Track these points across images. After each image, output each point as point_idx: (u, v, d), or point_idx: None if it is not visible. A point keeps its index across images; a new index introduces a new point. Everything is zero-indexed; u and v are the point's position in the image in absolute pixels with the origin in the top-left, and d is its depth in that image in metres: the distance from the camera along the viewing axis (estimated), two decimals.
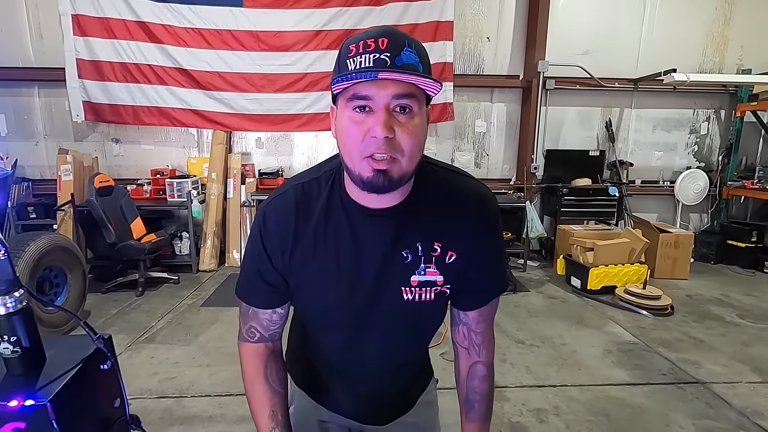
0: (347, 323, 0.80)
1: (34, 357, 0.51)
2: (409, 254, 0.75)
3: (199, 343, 2.96)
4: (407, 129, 0.63)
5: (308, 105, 4.75)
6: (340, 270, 0.75)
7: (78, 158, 4.41)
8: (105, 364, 0.54)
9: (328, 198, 0.75)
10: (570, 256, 4.24)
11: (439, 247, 0.75)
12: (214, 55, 4.60)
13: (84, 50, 4.47)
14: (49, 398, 0.45)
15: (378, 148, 0.62)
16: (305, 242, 0.75)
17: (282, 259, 0.76)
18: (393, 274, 0.76)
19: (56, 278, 3.10)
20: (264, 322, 0.82)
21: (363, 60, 0.61)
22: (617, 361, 2.77)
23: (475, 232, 0.77)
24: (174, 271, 4.32)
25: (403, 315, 0.79)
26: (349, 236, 0.74)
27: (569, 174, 4.98)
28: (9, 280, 0.50)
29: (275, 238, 0.75)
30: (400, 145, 0.63)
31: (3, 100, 4.73)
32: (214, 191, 4.67)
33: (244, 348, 0.85)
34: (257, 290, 0.80)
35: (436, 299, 0.79)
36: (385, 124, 0.61)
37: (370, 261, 0.75)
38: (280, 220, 0.75)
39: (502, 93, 5.12)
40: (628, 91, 5.11)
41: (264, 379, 0.82)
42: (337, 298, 0.77)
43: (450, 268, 0.77)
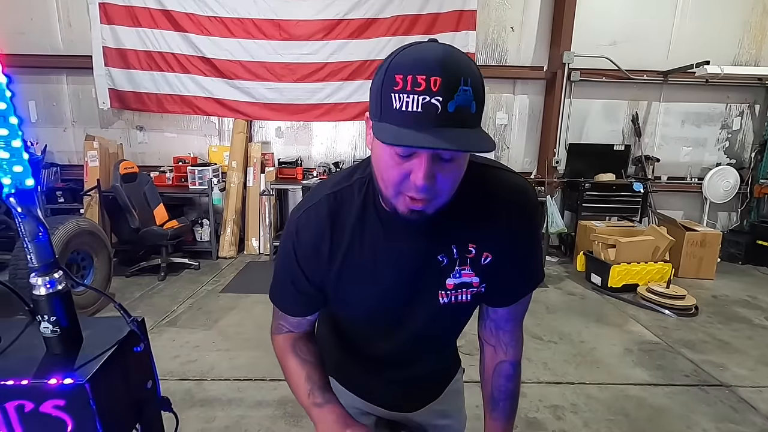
0: (382, 323, 0.81)
1: (72, 337, 0.52)
2: (445, 258, 0.73)
3: (219, 328, 3.03)
4: (449, 174, 0.60)
5: (328, 95, 4.74)
6: (378, 276, 0.74)
7: (104, 145, 4.52)
8: (138, 346, 0.55)
9: (362, 207, 0.72)
10: (591, 253, 4.16)
11: (473, 249, 0.74)
12: (236, 44, 4.62)
13: (110, 38, 4.54)
14: (87, 378, 0.46)
15: (417, 193, 0.59)
16: (342, 252, 0.73)
17: (318, 271, 0.75)
18: (429, 279, 0.75)
19: (83, 261, 3.20)
20: (293, 324, 0.84)
21: (411, 102, 0.54)
22: (638, 361, 2.72)
23: (511, 230, 0.74)
24: (195, 258, 4.41)
25: (440, 317, 0.79)
26: (385, 245, 0.72)
27: (592, 169, 4.87)
28: (50, 262, 0.51)
29: (310, 251, 0.74)
30: (440, 188, 0.60)
31: (33, 87, 4.86)
32: (234, 179, 4.73)
33: (275, 339, 0.86)
34: (289, 298, 0.81)
35: (473, 300, 0.78)
36: (428, 174, 0.57)
37: (406, 268, 0.74)
38: (315, 232, 0.73)
39: (525, 85, 5.01)
40: (657, 84, 4.94)
41: (293, 354, 0.82)
42: (375, 305, 0.77)
43: (485, 269, 0.75)
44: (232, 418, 2.10)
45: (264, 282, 4.13)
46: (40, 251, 0.49)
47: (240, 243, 4.88)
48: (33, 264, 0.49)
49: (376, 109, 0.58)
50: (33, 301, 0.50)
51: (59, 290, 0.50)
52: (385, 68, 0.57)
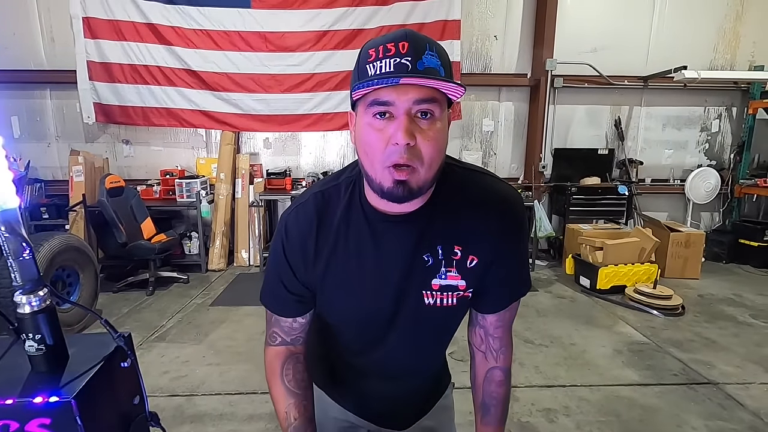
0: (369, 327, 0.81)
1: (58, 354, 0.52)
2: (430, 258, 0.74)
3: (209, 342, 2.99)
4: (428, 135, 0.61)
5: (315, 105, 4.77)
6: (363, 276, 0.75)
7: (89, 159, 4.47)
8: (125, 362, 0.55)
9: (348, 204, 0.74)
10: (579, 256, 4.21)
11: (459, 251, 0.74)
12: (222, 56, 4.63)
13: (94, 52, 4.52)
14: (74, 395, 0.46)
15: (400, 156, 0.61)
16: (327, 250, 0.74)
17: (305, 269, 0.76)
18: (414, 278, 0.75)
19: (69, 277, 3.15)
20: (285, 328, 0.83)
21: (383, 65, 0.59)
22: (627, 362, 2.75)
23: (498, 236, 0.75)
24: (183, 271, 4.36)
25: (424, 319, 0.79)
26: (371, 242, 0.74)
27: (578, 173, 4.95)
28: (34, 279, 0.51)
29: (297, 248, 0.75)
30: (421, 152, 0.62)
31: (16, 102, 4.80)
32: (223, 191, 4.71)
33: (267, 351, 0.86)
34: (279, 299, 0.81)
35: (459, 304, 0.78)
36: (407, 130, 0.60)
37: (391, 266, 0.74)
38: (302, 230, 0.75)
39: (509, 92, 5.10)
40: (638, 89, 5.06)
41: (280, 380, 0.82)
42: (360, 303, 0.77)
43: (472, 273, 0.75)
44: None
45: (255, 294, 4.05)
46: (25, 269, 0.49)
47: (229, 255, 4.84)
48: (17, 282, 0.49)
49: (354, 85, 0.62)
50: (17, 319, 0.50)
51: (44, 308, 0.50)
52: (359, 51, 0.64)
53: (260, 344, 0.87)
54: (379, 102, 0.61)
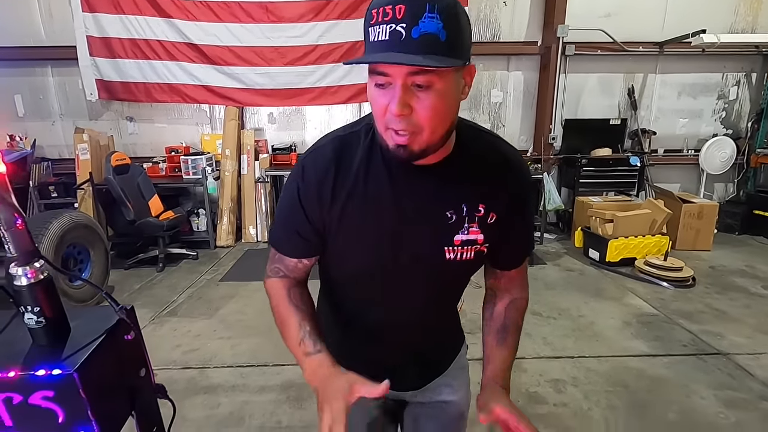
0: (384, 280, 0.80)
1: (59, 327, 0.51)
2: (454, 214, 0.74)
3: (220, 317, 3.03)
4: (425, 105, 0.60)
5: (319, 78, 4.66)
6: (381, 224, 0.74)
7: (94, 137, 4.45)
8: (129, 335, 0.54)
9: (368, 150, 0.73)
10: (588, 228, 4.16)
11: (483, 208, 0.75)
12: (224, 29, 4.51)
13: (93, 27, 4.43)
14: (76, 367, 0.45)
15: (396, 124, 0.61)
16: (344, 194, 0.73)
17: (320, 211, 0.74)
18: (436, 233, 0.75)
19: (80, 255, 3.18)
20: (290, 267, 0.82)
21: (381, 31, 0.57)
22: (636, 333, 2.74)
23: (515, 195, 0.78)
24: (192, 248, 4.40)
25: (443, 274, 0.79)
26: (390, 189, 0.72)
27: (588, 144, 4.83)
28: (29, 251, 0.49)
29: (313, 190, 0.73)
30: (419, 121, 0.61)
31: (18, 80, 4.76)
32: (229, 168, 4.68)
33: (268, 283, 0.84)
34: (288, 239, 0.80)
35: (475, 258, 0.79)
36: (400, 102, 0.59)
37: (411, 217, 0.73)
38: (319, 172, 0.73)
39: (519, 61, 4.93)
40: (653, 56, 4.87)
41: (287, 301, 0.80)
42: (376, 252, 0.76)
43: (491, 228, 0.77)
44: (236, 404, 2.12)
45: (263, 270, 4.10)
46: (18, 240, 0.47)
47: (237, 231, 4.86)
48: (11, 254, 0.48)
49: (364, 49, 0.62)
50: (15, 292, 0.48)
51: (41, 280, 0.49)
52: (366, 10, 0.61)
53: (270, 318, 0.86)
54: (377, 72, 0.61)
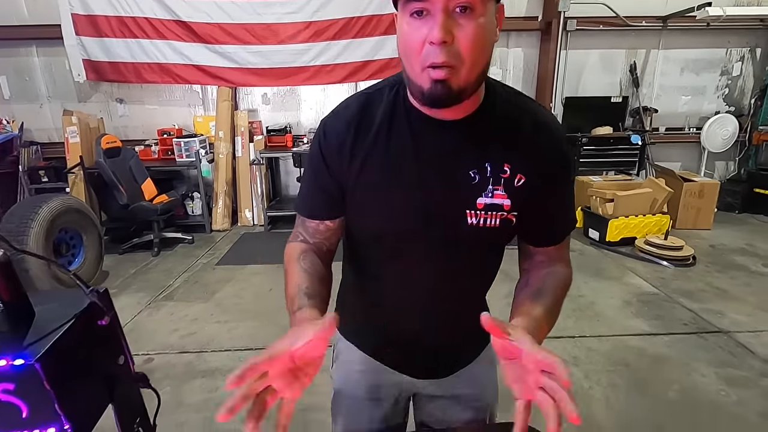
0: (404, 244, 0.74)
1: (20, 313, 0.45)
2: (477, 174, 0.69)
3: (216, 300, 3.00)
4: (468, 32, 0.56)
5: (314, 57, 4.52)
6: (400, 181, 0.69)
7: (83, 120, 4.33)
8: (102, 320, 0.49)
9: (392, 105, 0.70)
10: (588, 208, 4.12)
11: (508, 169, 0.69)
12: (213, 5, 4.35)
13: (78, 4, 4.26)
14: (37, 357, 0.40)
15: (437, 56, 0.57)
16: (365, 149, 0.70)
17: (340, 165, 0.72)
18: (458, 195, 0.69)
19: (72, 240, 3.12)
20: (310, 230, 0.79)
21: None
22: (637, 312, 2.73)
23: (551, 161, 0.71)
24: (188, 231, 4.34)
25: (465, 241, 0.72)
26: (411, 145, 0.69)
27: (589, 122, 4.75)
28: None
29: (334, 144, 0.72)
30: (461, 51, 0.57)
31: (2, 61, 4.60)
32: (223, 150, 4.59)
33: (288, 246, 0.80)
34: (312, 199, 0.78)
35: (501, 226, 0.71)
36: (443, 27, 0.55)
37: (431, 176, 0.69)
38: (341, 127, 0.72)
39: (519, 37, 4.80)
40: (656, 30, 4.74)
41: (297, 263, 0.75)
42: (395, 211, 0.71)
43: (518, 192, 0.70)
44: None
45: (260, 253, 4.11)
46: None
47: (233, 215, 4.79)
48: None
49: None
50: None
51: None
52: None
53: (267, 302, 0.82)
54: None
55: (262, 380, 0.49)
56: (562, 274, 0.78)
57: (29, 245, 2.65)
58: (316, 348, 0.54)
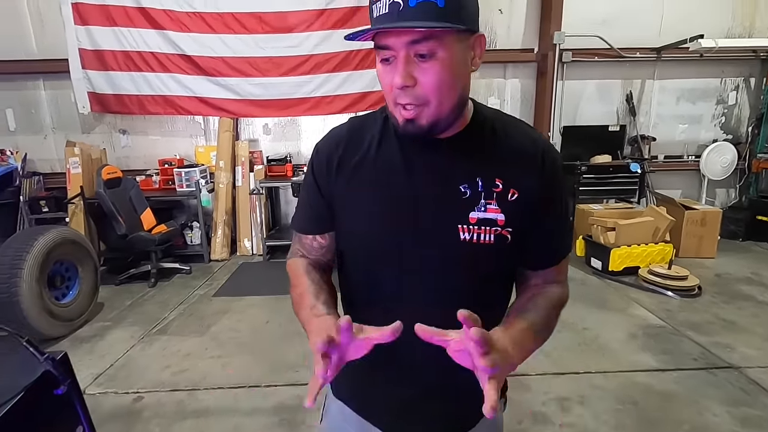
0: (393, 261, 0.71)
1: None
2: (468, 189, 0.68)
3: (212, 334, 2.93)
4: (430, 76, 0.60)
5: (315, 88, 4.61)
6: (390, 194, 0.70)
7: (86, 150, 4.38)
8: (59, 389, 0.45)
9: (382, 125, 0.74)
10: (590, 237, 4.08)
11: (501, 183, 0.69)
12: (217, 40, 4.47)
13: (86, 39, 4.38)
14: None
15: (402, 97, 0.62)
16: (354, 162, 0.73)
17: (328, 180, 0.75)
18: (449, 210, 0.69)
19: (67, 272, 3.08)
20: (306, 246, 0.82)
21: (381, 5, 0.59)
22: (643, 346, 2.64)
23: (541, 175, 0.70)
24: (186, 262, 4.30)
25: (458, 259, 0.69)
26: (400, 162, 0.70)
27: (588, 151, 4.77)
28: None
29: (324, 162, 0.75)
30: (424, 93, 0.61)
31: (9, 94, 4.70)
32: (223, 179, 4.61)
33: (289, 263, 0.83)
34: (304, 216, 0.82)
35: (496, 243, 0.69)
36: (402, 73, 0.60)
37: (423, 192, 0.69)
38: (331, 145, 0.76)
39: (516, 68, 4.90)
40: (651, 61, 4.83)
41: (306, 277, 0.76)
42: (384, 227, 0.71)
43: (512, 208, 0.69)
44: (227, 428, 2.02)
45: (258, 283, 4.06)
46: None
47: (232, 244, 4.77)
48: None
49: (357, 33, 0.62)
50: None
51: None
52: None
53: (264, 335, 0.80)
54: (380, 46, 0.62)
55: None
56: (554, 293, 0.76)
57: (24, 278, 2.61)
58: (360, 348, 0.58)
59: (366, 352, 0.59)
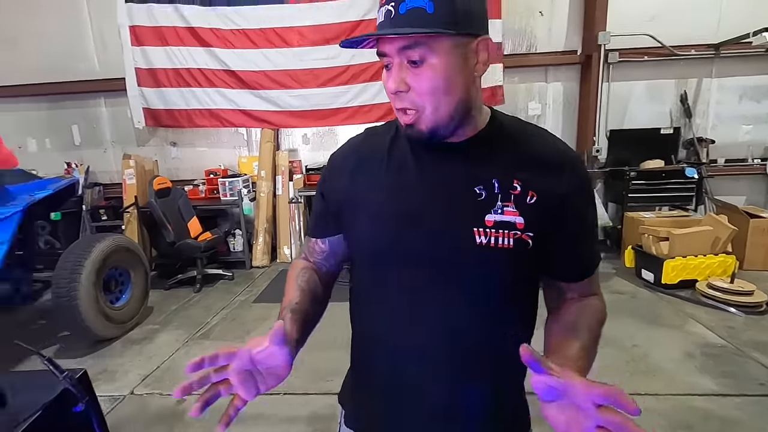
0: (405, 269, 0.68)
1: None
2: (483, 191, 0.66)
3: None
4: (421, 81, 0.61)
5: (352, 98, 4.68)
6: (402, 197, 0.69)
7: (140, 162, 4.67)
8: (78, 406, 0.47)
9: (395, 132, 0.75)
10: (640, 247, 3.83)
11: (519, 185, 0.66)
12: (260, 55, 4.65)
13: (141, 59, 4.70)
14: None
15: (397, 102, 0.64)
16: (366, 167, 0.74)
17: (340, 184, 0.76)
18: (464, 212, 0.66)
19: (121, 276, 3.29)
20: (310, 248, 0.85)
21: (379, 15, 0.61)
22: (701, 367, 2.43)
23: (563, 178, 0.67)
24: (229, 268, 4.46)
25: (475, 265, 0.65)
26: (413, 163, 0.70)
27: (637, 156, 4.50)
28: None
29: (338, 166, 0.78)
30: (417, 98, 0.62)
31: (75, 111, 5.12)
32: (264, 189, 4.76)
33: (293, 262, 0.88)
34: (312, 219, 0.86)
35: (515, 248, 0.64)
36: (394, 79, 0.62)
37: (436, 193, 0.67)
38: (345, 153, 0.79)
39: (557, 71, 4.72)
40: (708, 59, 4.50)
41: (294, 279, 0.80)
42: (394, 229, 0.69)
43: (531, 211, 0.65)
44: None
45: None
46: None
47: (272, 251, 4.90)
48: None
49: None
50: None
51: None
52: None
53: None
54: (380, 54, 0.64)
55: (220, 372, 0.57)
56: (595, 307, 0.72)
57: (82, 283, 2.81)
58: (274, 356, 0.58)
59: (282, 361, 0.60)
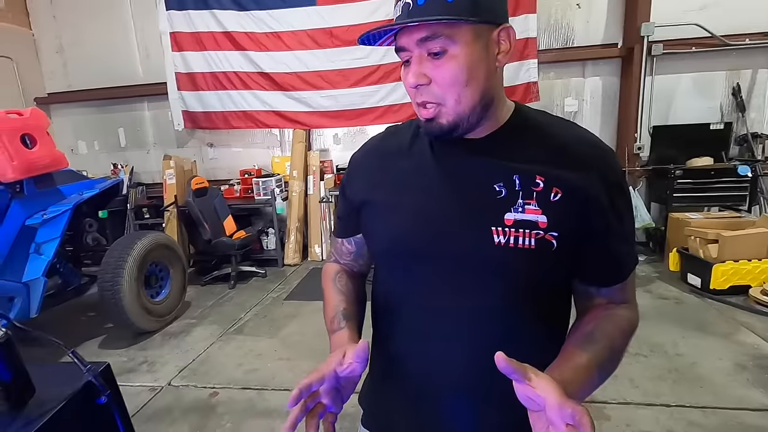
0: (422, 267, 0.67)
1: (19, 391, 0.46)
2: (503, 188, 0.63)
3: (281, 337, 3.07)
4: (442, 73, 0.59)
5: (382, 97, 4.68)
6: (418, 194, 0.68)
7: (179, 163, 4.87)
8: (101, 398, 0.48)
9: (415, 129, 0.74)
10: (686, 250, 3.62)
11: (541, 182, 0.62)
12: (292, 56, 4.73)
13: (181, 64, 4.89)
14: None
15: (418, 96, 0.62)
16: (385, 164, 0.74)
17: (360, 183, 0.76)
18: (481, 210, 0.63)
19: (161, 272, 3.43)
20: (337, 249, 0.86)
21: (397, 9, 0.60)
22: (754, 380, 2.26)
23: (592, 174, 0.62)
24: (262, 266, 4.58)
25: (493, 266, 0.62)
26: (430, 163, 0.68)
27: (683, 153, 4.25)
28: None
29: (357, 167, 0.79)
30: (439, 90, 0.60)
31: (121, 115, 5.40)
32: (296, 188, 4.84)
33: (325, 266, 0.88)
34: (337, 220, 0.86)
35: (538, 248, 0.61)
36: (413, 73, 0.60)
37: (454, 194, 0.65)
38: (366, 152, 0.79)
39: (596, 66, 4.53)
40: (764, 48, 4.19)
41: (332, 284, 0.81)
42: (410, 227, 0.67)
43: (556, 208, 0.61)
44: None
45: None
46: None
47: (304, 250, 4.98)
48: None
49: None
50: None
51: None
52: None
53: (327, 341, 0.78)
54: (398, 48, 0.62)
55: (314, 397, 0.60)
56: (623, 317, 0.67)
57: (125, 278, 2.96)
58: (354, 370, 0.61)
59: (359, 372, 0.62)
